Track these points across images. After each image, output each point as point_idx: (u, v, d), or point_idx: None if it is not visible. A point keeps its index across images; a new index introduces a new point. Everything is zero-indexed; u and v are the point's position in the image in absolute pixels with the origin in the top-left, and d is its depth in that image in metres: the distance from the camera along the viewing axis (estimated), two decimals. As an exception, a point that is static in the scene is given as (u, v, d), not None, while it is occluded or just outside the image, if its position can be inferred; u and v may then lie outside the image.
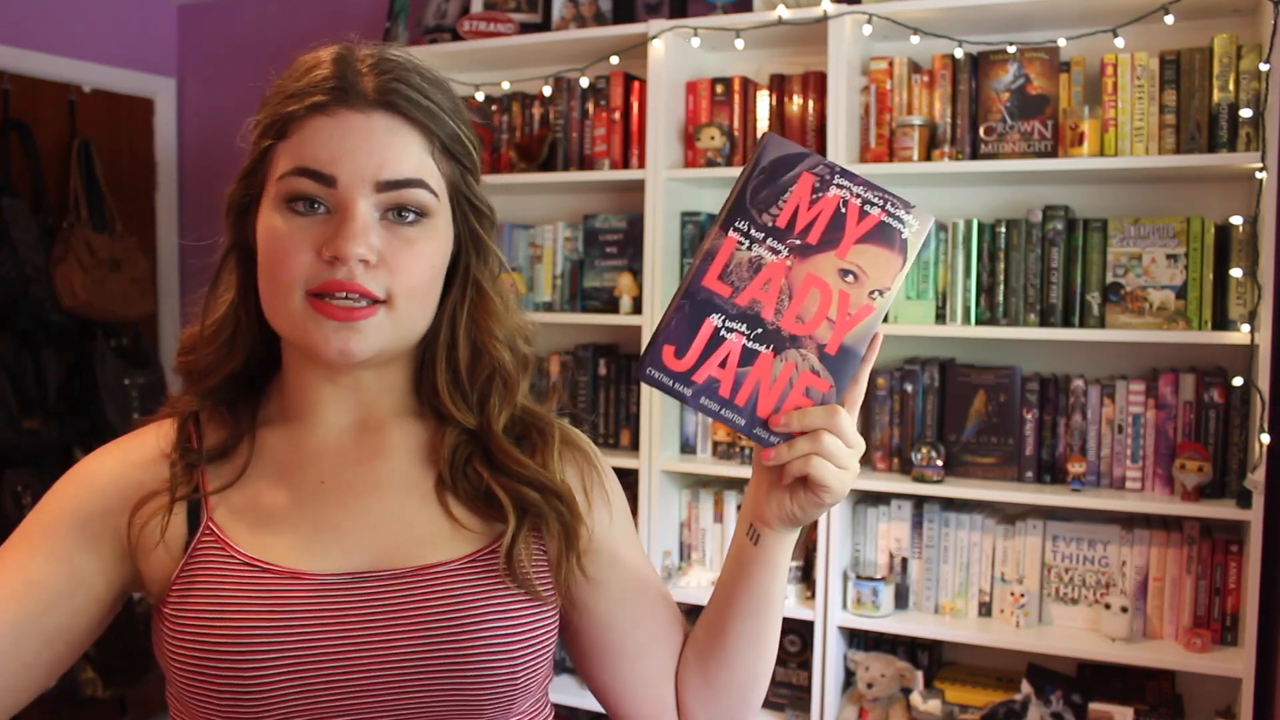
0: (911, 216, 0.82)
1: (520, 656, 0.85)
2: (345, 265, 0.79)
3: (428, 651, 0.82)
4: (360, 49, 0.85)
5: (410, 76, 0.84)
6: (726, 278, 0.81)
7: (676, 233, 2.68)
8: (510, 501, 0.88)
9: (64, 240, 3.21)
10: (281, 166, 0.82)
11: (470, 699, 0.84)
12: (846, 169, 0.83)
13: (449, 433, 0.91)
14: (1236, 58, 2.18)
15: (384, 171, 0.81)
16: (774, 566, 0.90)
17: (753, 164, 0.83)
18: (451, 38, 2.95)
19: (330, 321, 0.80)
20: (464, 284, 0.89)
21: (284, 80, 0.85)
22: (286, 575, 0.83)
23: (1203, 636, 2.20)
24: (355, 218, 0.80)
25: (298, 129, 0.82)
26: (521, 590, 0.86)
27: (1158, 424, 2.30)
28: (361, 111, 0.81)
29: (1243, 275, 2.15)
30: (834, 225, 0.82)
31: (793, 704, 2.61)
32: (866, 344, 0.82)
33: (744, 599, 0.91)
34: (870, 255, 0.82)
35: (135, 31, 3.72)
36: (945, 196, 2.59)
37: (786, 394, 0.81)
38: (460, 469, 0.90)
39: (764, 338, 0.81)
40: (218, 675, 0.80)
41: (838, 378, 0.82)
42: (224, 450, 0.89)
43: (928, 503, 2.49)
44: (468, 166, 0.88)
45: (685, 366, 0.81)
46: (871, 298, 0.82)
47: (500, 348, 0.90)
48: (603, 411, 2.82)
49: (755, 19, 2.54)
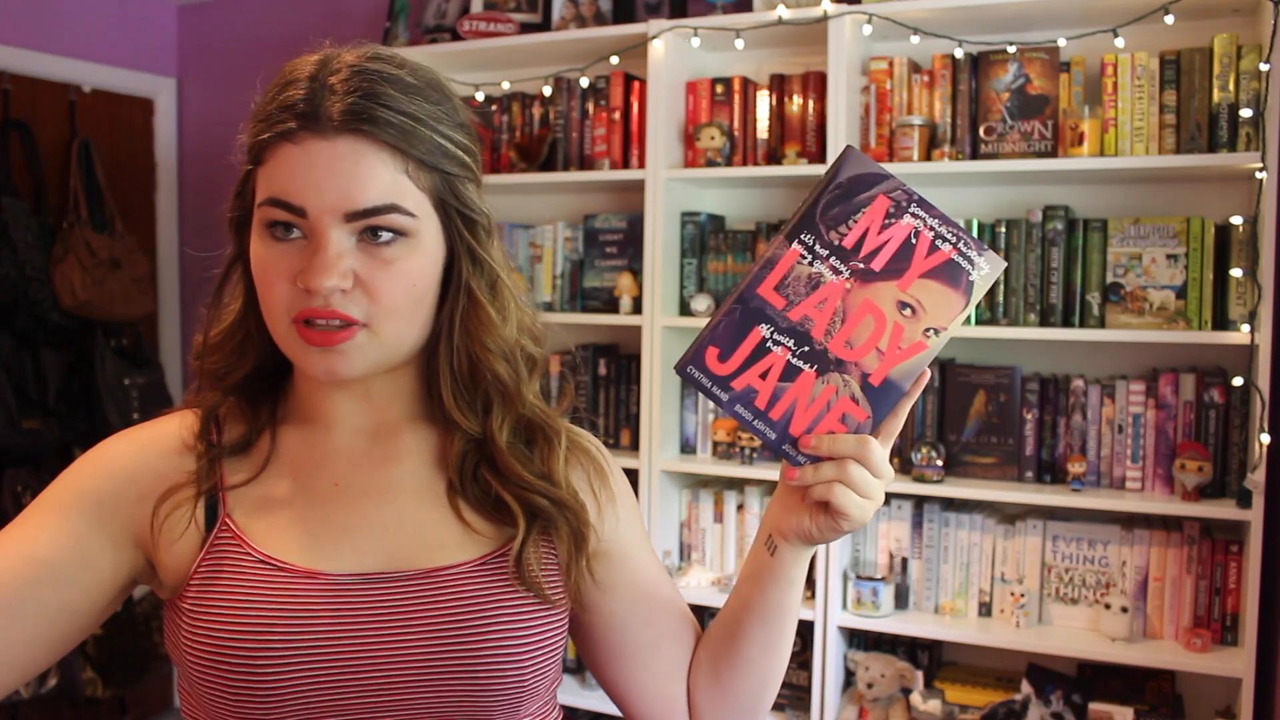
0: (983, 260, 0.80)
1: (529, 659, 0.86)
2: (320, 295, 0.80)
3: (439, 653, 0.83)
4: (340, 58, 0.83)
5: (384, 90, 0.81)
6: (783, 289, 0.80)
7: (676, 233, 2.68)
8: (520, 507, 0.89)
9: (64, 240, 3.21)
10: (260, 193, 0.82)
11: (478, 700, 0.84)
12: (925, 199, 0.80)
13: (457, 439, 0.91)
14: (1236, 58, 2.18)
15: (350, 202, 0.80)
16: (787, 580, 0.90)
17: (829, 177, 0.81)
18: (451, 38, 2.95)
19: (313, 346, 0.81)
20: (456, 293, 0.88)
21: (264, 97, 0.84)
22: (302, 575, 0.83)
23: (1203, 636, 2.20)
24: (326, 249, 0.79)
25: (270, 156, 0.81)
26: (531, 594, 0.87)
27: (1158, 424, 2.30)
28: (327, 139, 0.79)
29: (1243, 275, 2.16)
30: (901, 254, 0.79)
31: (793, 704, 2.61)
32: (912, 380, 0.80)
33: (758, 606, 0.92)
34: (932, 292, 0.80)
35: (135, 31, 3.72)
36: (945, 196, 2.59)
37: (822, 416, 0.80)
38: (470, 475, 0.90)
39: (810, 357, 0.80)
40: (231, 671, 0.80)
41: (876, 409, 0.80)
42: (244, 445, 0.89)
43: (928, 503, 2.49)
44: (453, 173, 0.85)
45: (726, 371, 0.81)
46: (926, 335, 0.80)
47: (494, 359, 0.89)
48: (603, 411, 2.82)
49: (755, 19, 2.54)
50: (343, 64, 0.82)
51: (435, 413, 0.93)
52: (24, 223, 3.10)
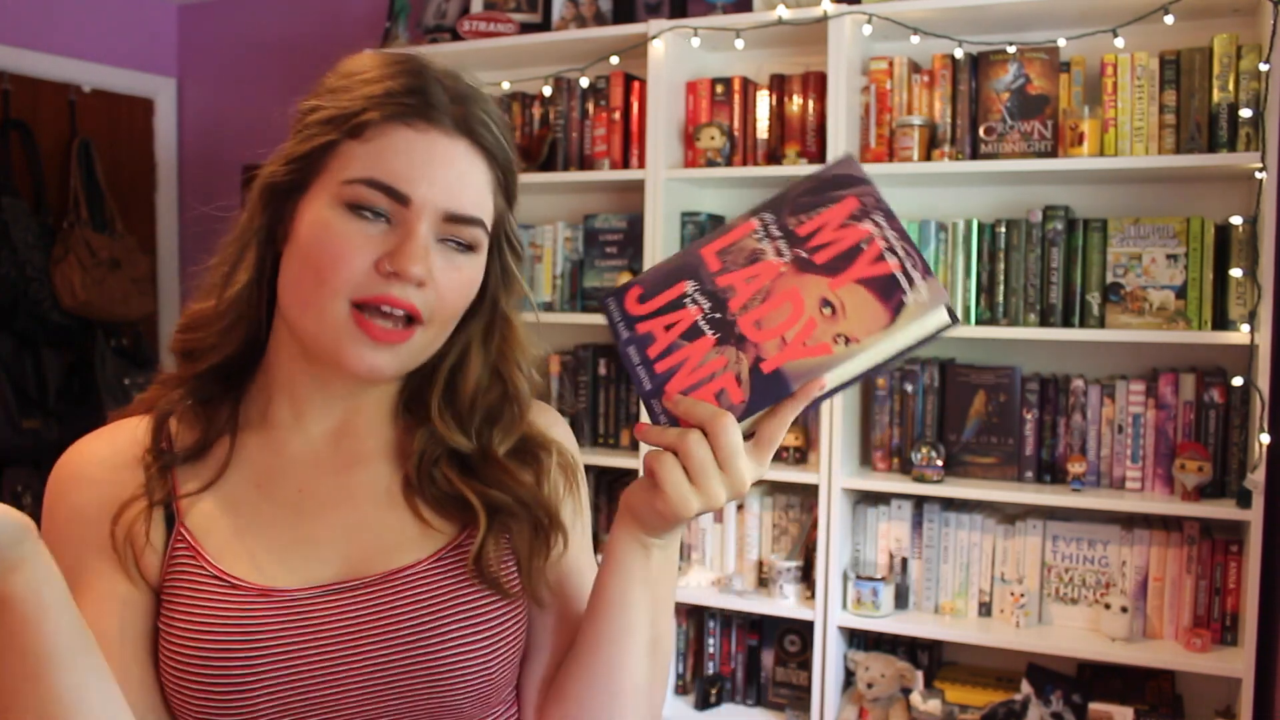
0: (925, 284, 0.74)
1: (491, 653, 0.85)
2: (401, 282, 0.79)
3: (399, 656, 0.82)
4: (434, 65, 0.84)
5: (487, 105, 0.84)
6: (724, 255, 0.80)
7: (676, 233, 2.68)
8: (481, 504, 0.87)
9: (64, 240, 3.21)
10: (353, 170, 0.80)
11: (446, 699, 0.83)
12: (893, 212, 0.78)
13: (419, 435, 0.90)
14: (1236, 58, 2.18)
15: (454, 203, 0.81)
16: (618, 563, 0.82)
17: (816, 173, 0.81)
18: (451, 38, 2.95)
19: (369, 340, 0.79)
20: (491, 314, 0.90)
21: (349, 77, 0.82)
22: (256, 593, 0.81)
23: (1203, 636, 2.20)
24: (418, 238, 0.79)
25: (377, 134, 0.80)
26: (488, 589, 0.86)
27: (1158, 424, 2.30)
28: (447, 134, 0.81)
29: (1243, 275, 2.15)
30: (847, 255, 0.77)
31: (793, 704, 2.61)
32: (802, 382, 0.74)
33: (596, 591, 0.85)
34: (859, 299, 0.75)
35: (135, 31, 3.73)
36: (945, 196, 2.59)
37: (702, 385, 0.76)
38: (427, 472, 0.89)
39: (717, 324, 0.77)
40: (195, 690, 0.79)
41: (756, 398, 0.75)
42: (198, 451, 0.86)
43: (928, 503, 2.49)
44: (510, 205, 0.89)
45: (639, 312, 0.80)
46: (835, 340, 0.74)
47: (521, 378, 0.91)
48: (603, 412, 2.82)
49: (755, 19, 2.54)
50: (440, 69, 0.84)
51: (396, 410, 0.92)
52: (24, 223, 3.11)
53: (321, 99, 0.83)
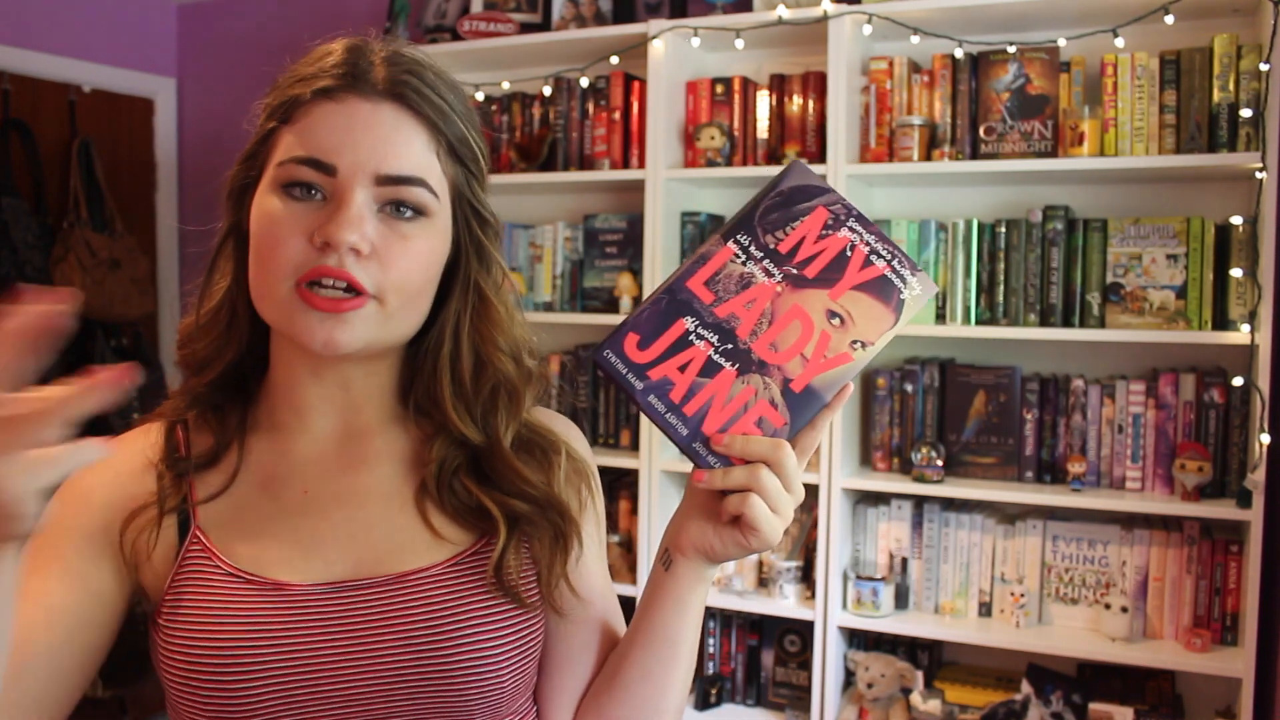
0: (915, 279, 0.79)
1: (505, 660, 0.84)
2: (336, 252, 0.77)
3: (411, 658, 0.82)
4: (375, 41, 0.84)
5: (424, 72, 0.83)
6: (713, 285, 0.78)
7: (676, 233, 2.68)
8: (502, 514, 0.86)
9: (64, 240, 3.21)
10: (283, 151, 0.80)
11: (456, 704, 0.83)
12: (863, 215, 0.80)
13: (438, 444, 0.89)
14: (1236, 58, 2.18)
15: (385, 165, 0.79)
16: (680, 601, 0.84)
17: (771, 185, 0.81)
18: (451, 38, 2.95)
19: (316, 312, 0.78)
20: (465, 290, 0.87)
21: (297, 65, 0.84)
22: (269, 587, 0.82)
23: (1203, 636, 2.20)
24: (350, 205, 0.77)
25: (303, 114, 0.80)
26: (505, 596, 0.85)
27: (1158, 424, 2.30)
28: (369, 100, 0.80)
29: (1243, 275, 2.16)
30: (835, 265, 0.79)
31: (793, 704, 2.61)
32: (834, 392, 0.78)
33: (644, 628, 0.86)
34: (863, 305, 0.78)
35: (135, 31, 3.73)
36: (945, 196, 2.59)
37: (738, 417, 0.77)
38: (447, 481, 0.88)
39: (732, 355, 0.77)
40: (204, 686, 0.79)
41: (795, 417, 0.77)
42: (212, 458, 0.87)
43: (928, 503, 2.49)
44: (473, 172, 0.86)
45: (644, 359, 0.78)
46: (852, 348, 0.78)
47: (503, 359, 0.88)
48: (603, 412, 2.82)
49: (755, 19, 2.54)
50: (379, 45, 0.84)
51: (409, 415, 0.91)
52: (24, 223, 3.11)
53: (268, 95, 0.84)
